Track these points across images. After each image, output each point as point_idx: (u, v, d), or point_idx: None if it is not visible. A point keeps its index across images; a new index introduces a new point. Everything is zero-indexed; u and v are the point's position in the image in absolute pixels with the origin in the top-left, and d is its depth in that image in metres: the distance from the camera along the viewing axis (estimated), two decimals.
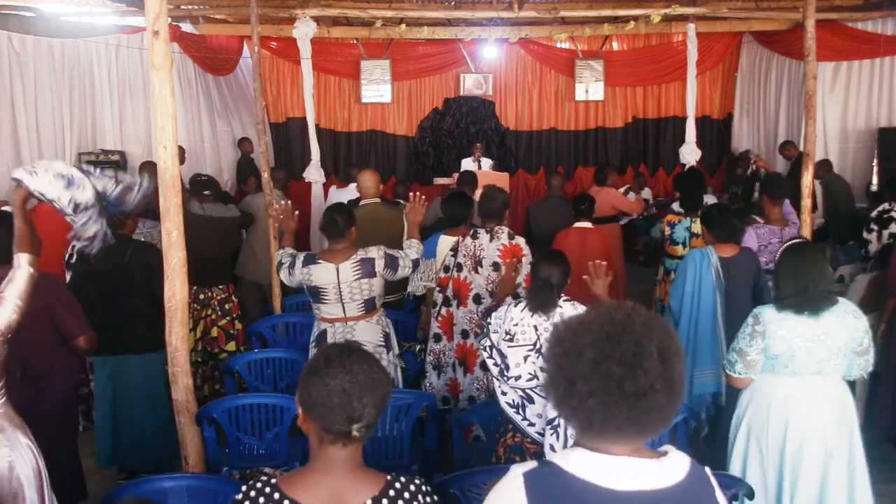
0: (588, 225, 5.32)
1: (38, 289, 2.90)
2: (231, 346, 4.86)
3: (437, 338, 3.98)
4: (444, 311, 3.98)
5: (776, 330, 2.73)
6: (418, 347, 4.21)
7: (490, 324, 3.00)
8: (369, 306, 3.63)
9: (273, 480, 1.62)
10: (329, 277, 3.54)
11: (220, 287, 4.94)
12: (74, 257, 4.51)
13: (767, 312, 2.79)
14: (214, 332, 4.83)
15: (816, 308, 2.70)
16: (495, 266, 3.87)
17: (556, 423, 2.63)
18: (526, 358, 2.80)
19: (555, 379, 1.33)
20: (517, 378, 2.80)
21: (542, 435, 2.74)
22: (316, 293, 3.58)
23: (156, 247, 4.31)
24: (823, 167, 7.65)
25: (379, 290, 3.63)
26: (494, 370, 2.89)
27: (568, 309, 2.89)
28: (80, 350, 3.14)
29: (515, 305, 2.94)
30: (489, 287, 3.87)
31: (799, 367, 2.73)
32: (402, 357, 4.07)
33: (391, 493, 1.60)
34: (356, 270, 3.54)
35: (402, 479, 1.64)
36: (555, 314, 2.86)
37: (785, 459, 2.76)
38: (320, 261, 3.57)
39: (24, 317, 2.73)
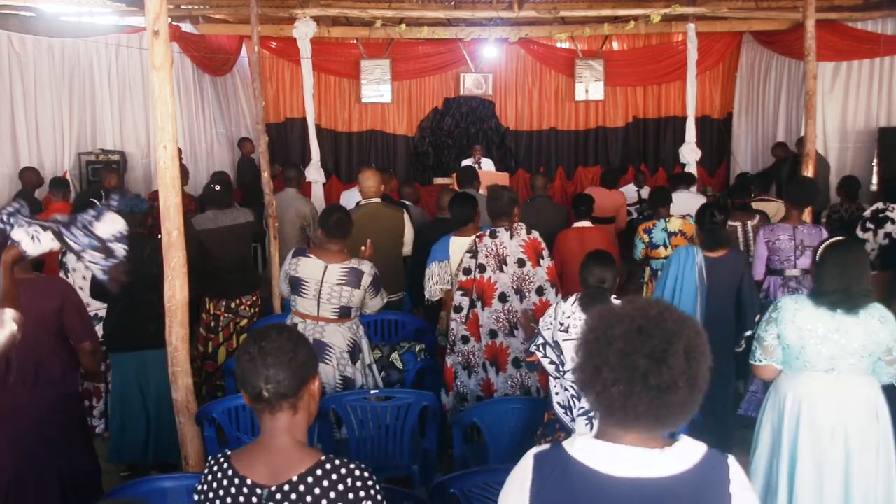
0: (587, 224, 5.33)
1: (51, 291, 3.03)
2: None
3: (465, 339, 3.97)
4: (470, 313, 3.97)
5: (789, 318, 2.72)
6: (418, 348, 4.20)
7: (539, 324, 3.00)
8: (343, 313, 3.61)
9: (228, 452, 1.76)
10: (314, 272, 3.54)
11: (249, 294, 4.83)
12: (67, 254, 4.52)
13: (785, 300, 2.80)
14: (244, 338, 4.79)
15: (854, 306, 2.67)
16: (520, 262, 3.87)
17: (592, 414, 2.64)
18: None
19: (583, 364, 1.39)
20: (573, 371, 2.80)
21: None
22: (297, 285, 3.58)
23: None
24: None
25: (357, 302, 3.60)
26: (550, 368, 2.90)
27: None
28: (83, 354, 3.14)
29: (564, 301, 2.95)
30: (514, 284, 3.87)
31: (809, 361, 2.70)
32: (402, 357, 4.07)
33: (318, 472, 1.66)
34: (342, 276, 3.54)
35: (337, 462, 1.69)
36: None
37: (798, 456, 2.73)
38: (311, 255, 3.59)
39: (35, 321, 2.77)
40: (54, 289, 3.09)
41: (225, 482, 1.70)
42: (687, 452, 1.36)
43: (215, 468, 1.74)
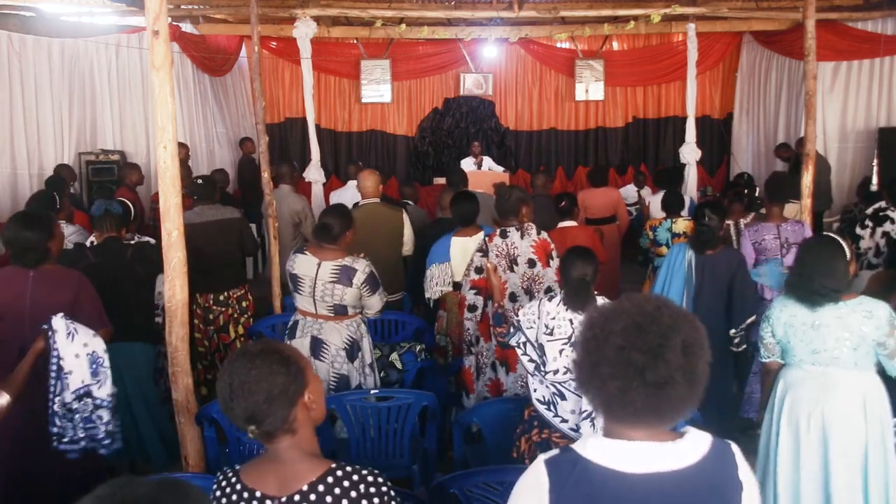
0: (572, 223, 5.30)
1: (64, 283, 3.10)
2: None
3: (478, 340, 3.97)
4: (484, 311, 3.95)
5: (778, 314, 2.90)
6: (418, 348, 4.20)
7: (520, 320, 2.98)
8: (339, 311, 3.59)
9: (237, 467, 1.72)
10: (308, 269, 3.55)
11: (237, 287, 4.93)
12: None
13: (777, 299, 3.00)
14: (241, 329, 4.86)
15: (815, 302, 2.78)
16: (531, 263, 3.86)
17: (593, 415, 2.64)
18: (561, 351, 2.81)
19: (582, 361, 1.40)
20: (555, 372, 2.81)
21: (576, 430, 2.76)
22: (295, 281, 3.61)
23: (150, 243, 4.35)
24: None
25: (352, 300, 3.56)
26: (529, 366, 2.90)
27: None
28: None
29: (549, 300, 2.93)
30: (524, 284, 3.87)
31: (797, 355, 2.83)
32: (402, 357, 4.07)
33: (329, 479, 1.63)
34: (334, 274, 3.52)
35: (349, 469, 1.66)
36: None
37: (780, 444, 2.82)
38: (307, 252, 3.61)
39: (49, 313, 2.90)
40: (68, 281, 3.12)
41: (234, 497, 1.67)
42: (696, 442, 1.38)
43: (223, 483, 1.70)
